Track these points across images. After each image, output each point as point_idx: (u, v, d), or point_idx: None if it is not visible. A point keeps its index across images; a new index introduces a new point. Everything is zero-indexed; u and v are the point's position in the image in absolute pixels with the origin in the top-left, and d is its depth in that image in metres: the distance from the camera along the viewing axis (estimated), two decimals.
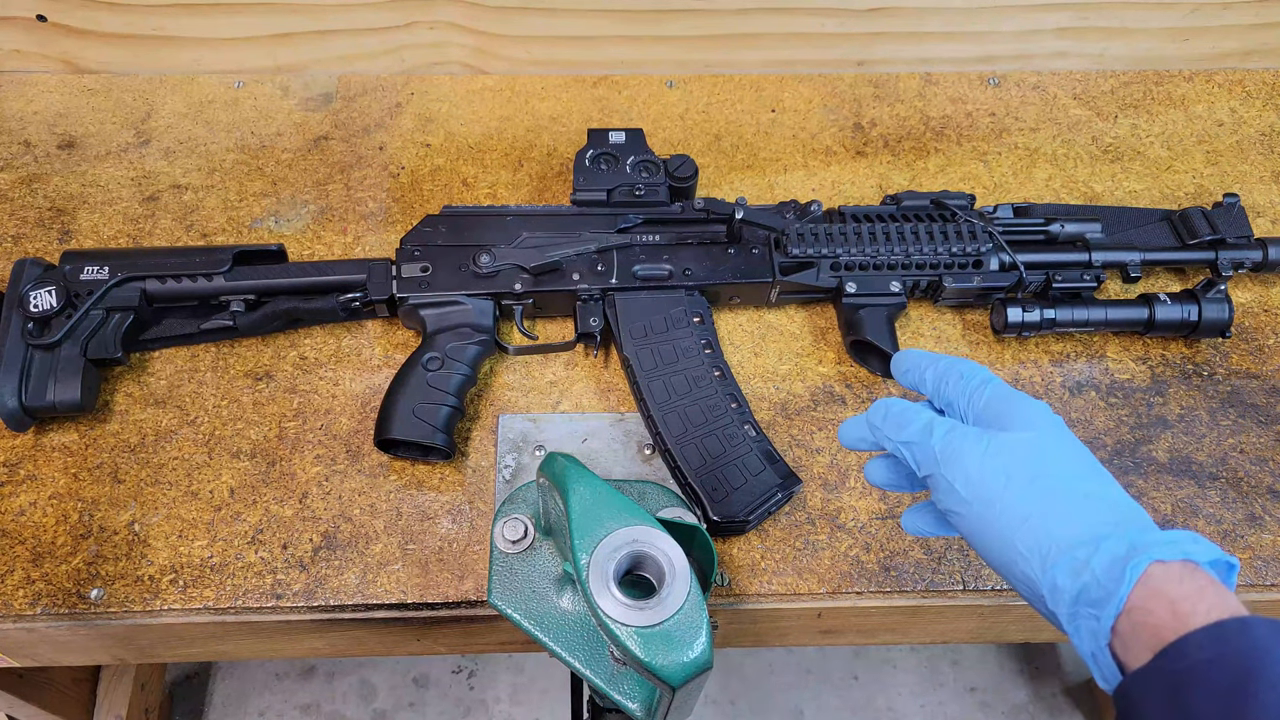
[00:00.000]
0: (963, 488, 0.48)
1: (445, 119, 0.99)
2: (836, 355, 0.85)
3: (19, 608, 0.71)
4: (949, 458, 0.49)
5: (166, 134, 0.97)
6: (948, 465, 0.49)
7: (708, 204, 0.84)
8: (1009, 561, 0.47)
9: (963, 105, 1.03)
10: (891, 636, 0.83)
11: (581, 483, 0.57)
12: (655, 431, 0.77)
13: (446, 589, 0.73)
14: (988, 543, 0.48)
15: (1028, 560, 0.45)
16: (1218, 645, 0.39)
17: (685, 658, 0.52)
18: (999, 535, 0.47)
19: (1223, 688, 0.38)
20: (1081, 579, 0.43)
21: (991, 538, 0.47)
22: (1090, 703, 1.47)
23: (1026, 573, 0.45)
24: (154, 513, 0.75)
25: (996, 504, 0.47)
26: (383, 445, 0.76)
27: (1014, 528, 0.46)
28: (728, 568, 0.74)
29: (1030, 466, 0.47)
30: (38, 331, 0.76)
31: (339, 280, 0.81)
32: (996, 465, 0.47)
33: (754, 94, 1.03)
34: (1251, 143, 1.01)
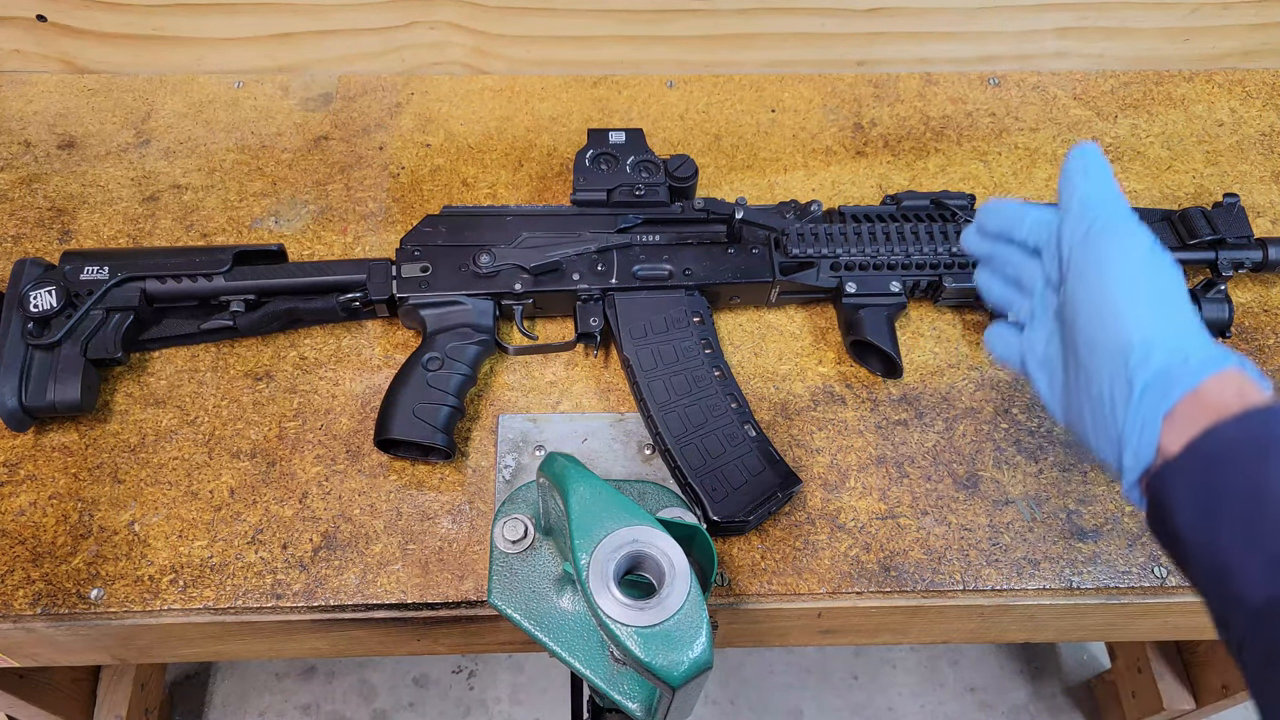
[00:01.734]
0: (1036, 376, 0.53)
1: (445, 119, 0.99)
2: (836, 355, 0.85)
3: (19, 608, 0.71)
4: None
5: (166, 134, 0.97)
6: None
7: (708, 204, 0.84)
8: (1111, 328, 0.48)
9: (963, 105, 1.03)
10: (891, 636, 0.83)
11: (581, 483, 0.57)
12: (655, 431, 0.77)
13: (446, 589, 0.73)
14: (1097, 315, 0.49)
15: (1137, 328, 0.47)
16: (1245, 427, 0.42)
17: (685, 658, 0.52)
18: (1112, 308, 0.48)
19: (1250, 458, 0.41)
20: (1176, 358, 0.45)
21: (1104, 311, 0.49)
22: (1090, 702, 1.47)
23: (1130, 337, 0.47)
24: (154, 513, 0.75)
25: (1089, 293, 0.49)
26: (383, 445, 0.76)
27: (1137, 306, 0.48)
28: (728, 568, 0.74)
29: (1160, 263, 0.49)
30: (38, 331, 0.76)
31: (339, 280, 0.81)
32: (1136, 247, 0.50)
33: (754, 94, 1.03)
34: (1251, 143, 1.01)
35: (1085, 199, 0.52)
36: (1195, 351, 0.46)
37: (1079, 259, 0.51)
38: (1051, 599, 0.75)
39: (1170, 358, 0.46)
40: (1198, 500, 0.43)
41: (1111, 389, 0.47)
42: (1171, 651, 1.32)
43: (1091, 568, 0.75)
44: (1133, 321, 0.47)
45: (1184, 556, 0.45)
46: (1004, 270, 0.60)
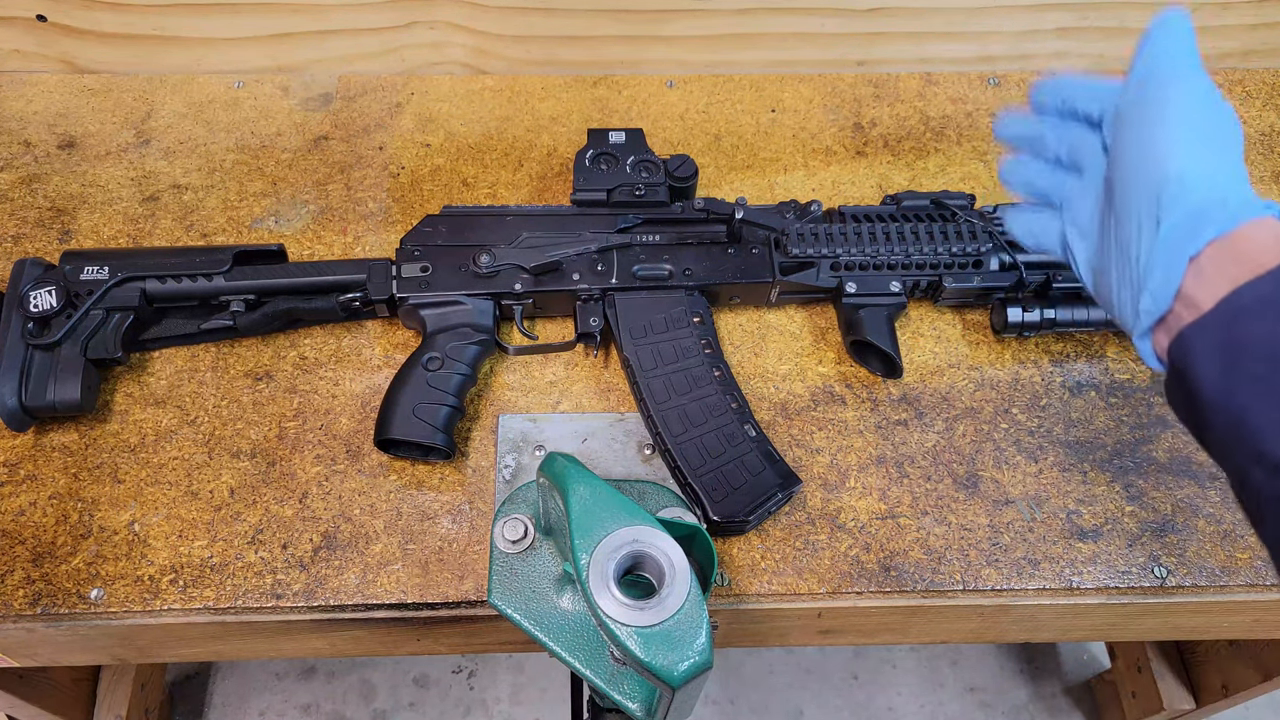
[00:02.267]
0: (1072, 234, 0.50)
1: (445, 119, 0.99)
2: (836, 355, 0.85)
3: (19, 608, 0.71)
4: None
5: (166, 134, 0.97)
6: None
7: (708, 204, 0.84)
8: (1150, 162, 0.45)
9: (963, 105, 1.03)
10: (891, 636, 0.83)
11: (581, 483, 0.57)
12: (655, 431, 0.77)
13: (446, 589, 0.73)
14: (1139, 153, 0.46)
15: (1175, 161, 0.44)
16: (1270, 284, 0.40)
17: (685, 658, 0.52)
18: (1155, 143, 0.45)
19: (1274, 315, 0.40)
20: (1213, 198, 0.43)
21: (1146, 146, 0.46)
22: (1090, 702, 1.47)
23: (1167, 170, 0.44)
24: (154, 513, 0.75)
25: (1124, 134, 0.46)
26: (383, 445, 0.76)
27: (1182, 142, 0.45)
28: (728, 568, 0.74)
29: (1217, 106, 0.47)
30: (38, 331, 0.76)
31: (339, 280, 0.81)
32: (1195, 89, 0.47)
33: (754, 94, 1.03)
34: (1251, 143, 1.01)
35: (1154, 52, 0.49)
36: (1235, 194, 0.43)
37: (1133, 100, 0.48)
38: (1051, 599, 0.75)
39: (1206, 196, 0.43)
40: (1222, 357, 0.41)
41: (1140, 226, 0.45)
42: (1171, 651, 1.32)
43: (1091, 568, 0.75)
44: (1173, 155, 0.44)
45: (1201, 415, 0.42)
46: (1057, 149, 0.55)
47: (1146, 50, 0.50)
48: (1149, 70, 0.48)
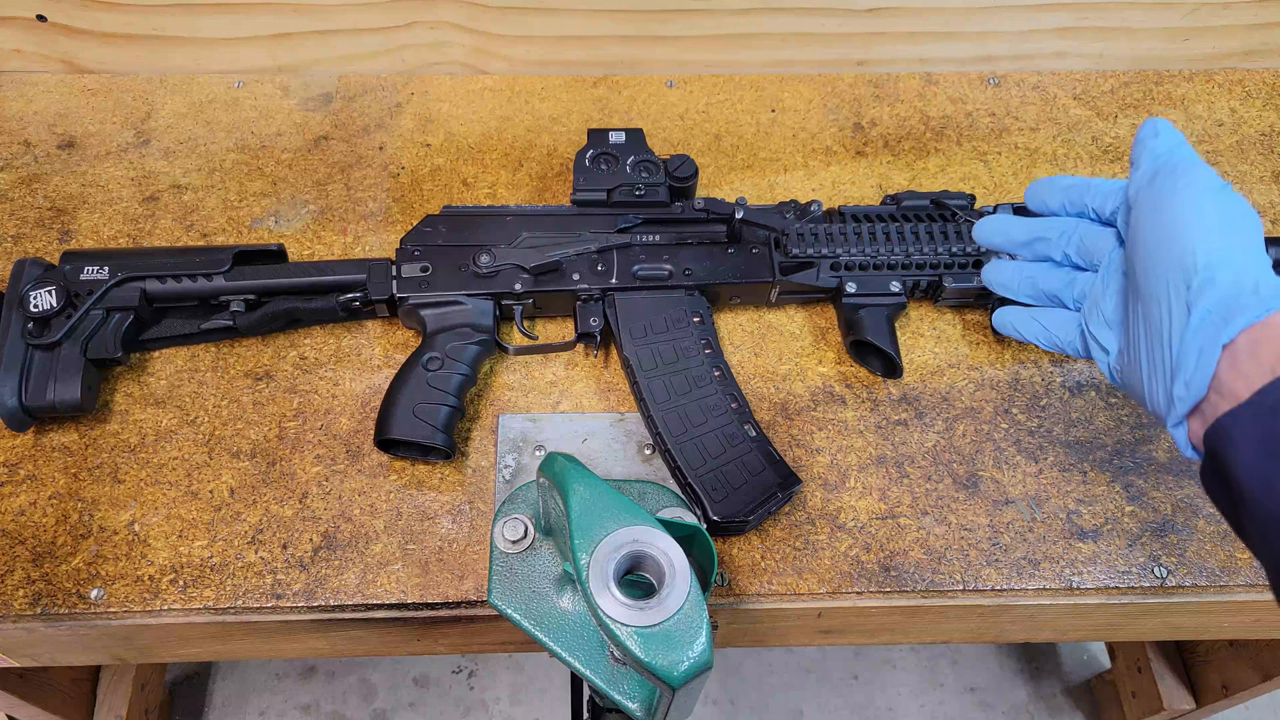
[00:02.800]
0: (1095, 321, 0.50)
1: (445, 119, 0.99)
2: (836, 355, 0.85)
3: (19, 608, 0.71)
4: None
5: (166, 134, 0.97)
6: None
7: (708, 204, 0.84)
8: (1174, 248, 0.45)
9: (963, 105, 1.03)
10: (891, 636, 0.83)
11: (581, 483, 0.57)
12: (655, 431, 0.77)
13: (446, 589, 0.73)
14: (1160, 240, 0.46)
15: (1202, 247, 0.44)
16: None
17: (685, 658, 0.52)
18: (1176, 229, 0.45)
19: None
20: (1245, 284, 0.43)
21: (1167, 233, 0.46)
22: (1090, 702, 1.47)
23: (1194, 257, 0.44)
24: (154, 513, 0.75)
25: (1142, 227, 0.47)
26: (383, 445, 0.76)
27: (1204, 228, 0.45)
28: (728, 568, 0.74)
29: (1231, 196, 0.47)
30: (38, 331, 0.76)
31: (339, 280, 0.81)
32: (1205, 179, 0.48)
33: (754, 94, 1.03)
34: (1251, 143, 1.01)
35: (1156, 151, 0.50)
36: (1266, 280, 0.43)
37: (1146, 194, 0.48)
38: (1051, 599, 0.75)
39: (1237, 282, 0.43)
40: (1263, 448, 0.39)
41: (1170, 313, 0.44)
42: (1171, 651, 1.32)
43: (1091, 568, 0.75)
44: (1200, 242, 0.44)
45: (1240, 509, 0.41)
46: (1065, 247, 0.55)
47: (1150, 146, 0.51)
48: (1158, 164, 0.49)
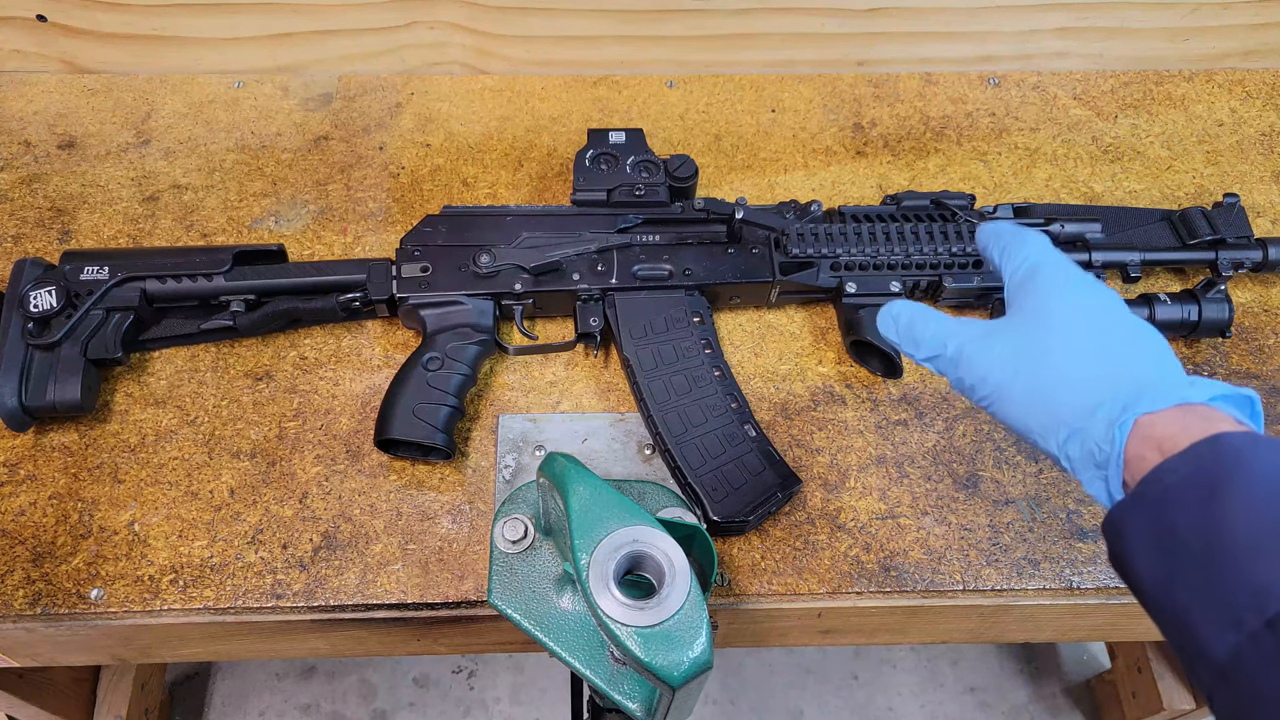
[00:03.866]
0: (980, 385, 0.52)
1: (445, 119, 0.99)
2: (836, 355, 0.85)
3: (19, 608, 0.71)
4: (963, 363, 0.53)
5: (166, 134, 0.97)
6: (964, 369, 0.53)
7: (708, 204, 0.84)
8: (1030, 438, 0.50)
9: (963, 105, 1.03)
10: (891, 636, 0.83)
11: (581, 483, 0.57)
12: (655, 431, 0.77)
13: (446, 589, 0.73)
14: (1011, 424, 0.51)
15: (1044, 438, 0.48)
16: (1191, 463, 0.40)
17: (685, 658, 0.52)
18: (1018, 419, 0.50)
19: (1197, 500, 0.39)
20: (1087, 447, 0.45)
21: (1012, 420, 0.50)
22: (1090, 702, 1.47)
23: (1045, 448, 0.48)
24: (154, 513, 0.75)
25: (1009, 393, 0.50)
26: (383, 445, 0.76)
27: (1027, 412, 0.49)
28: (728, 568, 0.74)
29: (1035, 354, 0.49)
30: (38, 331, 0.76)
31: (339, 280, 0.81)
32: (1005, 360, 0.50)
33: (754, 94, 1.03)
34: (1251, 143, 1.01)
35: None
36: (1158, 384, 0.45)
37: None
38: (1051, 599, 0.75)
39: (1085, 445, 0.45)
40: (1153, 544, 0.40)
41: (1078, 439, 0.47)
42: (1172, 651, 1.32)
43: (1091, 568, 0.75)
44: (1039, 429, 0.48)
45: (1146, 602, 0.42)
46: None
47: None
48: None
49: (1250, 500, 0.37)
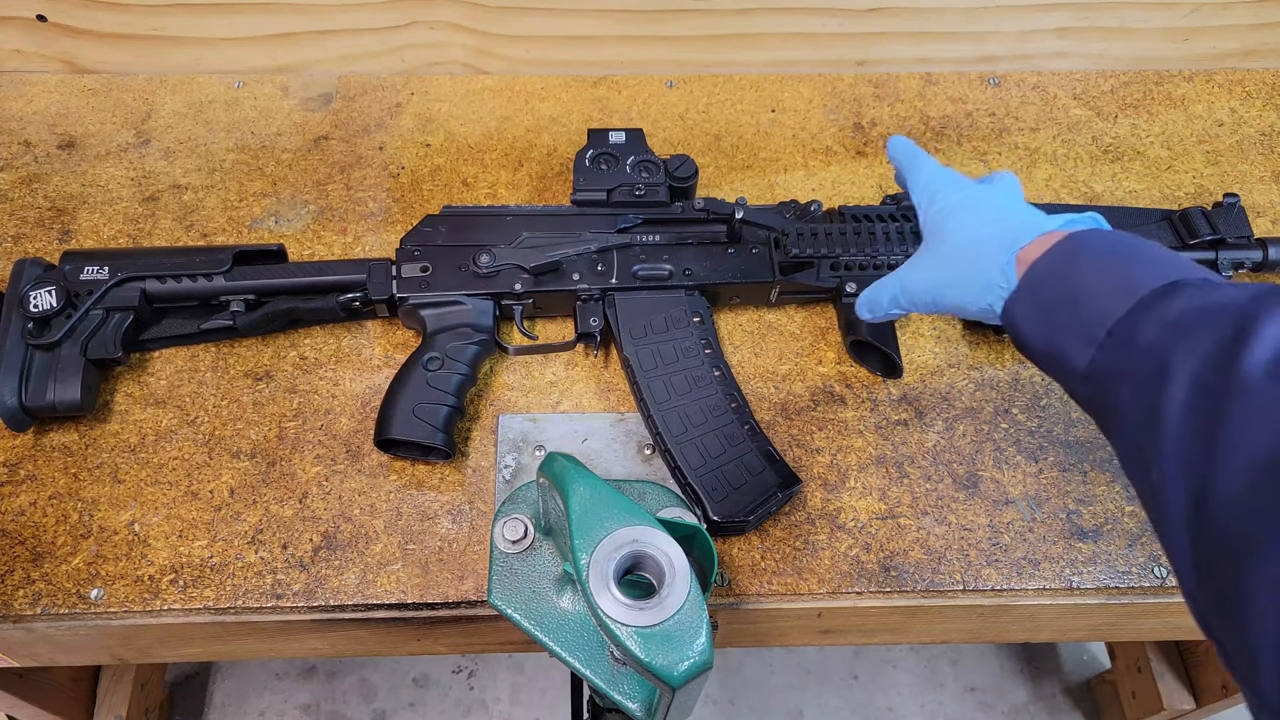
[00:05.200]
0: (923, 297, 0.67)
1: (445, 119, 0.99)
2: (836, 355, 0.85)
3: (19, 608, 0.71)
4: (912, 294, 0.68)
5: (166, 134, 0.97)
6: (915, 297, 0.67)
7: (708, 204, 0.84)
8: (964, 310, 0.64)
9: (963, 105, 1.03)
10: (891, 636, 0.83)
11: (581, 483, 0.57)
12: (655, 431, 0.77)
13: (446, 589, 0.73)
14: (952, 310, 0.65)
15: (974, 302, 0.62)
16: (1050, 256, 0.56)
17: (685, 658, 0.52)
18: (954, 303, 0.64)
19: (1056, 275, 0.55)
20: (997, 291, 0.60)
21: (952, 307, 0.65)
22: (1090, 702, 1.47)
23: (978, 307, 0.62)
24: (154, 513, 0.75)
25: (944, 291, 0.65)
26: (383, 445, 0.76)
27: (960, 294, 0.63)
28: (728, 568, 0.74)
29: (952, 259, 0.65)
30: (38, 331, 0.76)
31: (339, 280, 0.81)
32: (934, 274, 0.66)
33: (754, 94, 1.03)
34: (1251, 143, 1.01)
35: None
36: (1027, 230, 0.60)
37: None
38: (1051, 599, 0.75)
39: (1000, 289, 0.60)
40: (1034, 314, 0.56)
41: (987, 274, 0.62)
42: (1171, 651, 1.32)
43: (1091, 568, 0.75)
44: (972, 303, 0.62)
45: (1036, 357, 0.57)
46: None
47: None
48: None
49: (1089, 263, 0.54)
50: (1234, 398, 0.42)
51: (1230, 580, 0.40)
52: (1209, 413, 0.43)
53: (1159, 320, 0.48)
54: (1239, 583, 0.39)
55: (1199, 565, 0.42)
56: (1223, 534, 0.41)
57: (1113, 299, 0.51)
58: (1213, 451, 0.42)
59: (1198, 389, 0.44)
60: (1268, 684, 0.37)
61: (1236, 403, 0.42)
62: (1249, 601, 0.38)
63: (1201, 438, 0.43)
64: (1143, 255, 0.53)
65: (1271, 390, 0.41)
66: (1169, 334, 0.47)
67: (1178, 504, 0.43)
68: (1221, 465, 0.41)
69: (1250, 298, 0.46)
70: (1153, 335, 0.48)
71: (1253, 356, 0.42)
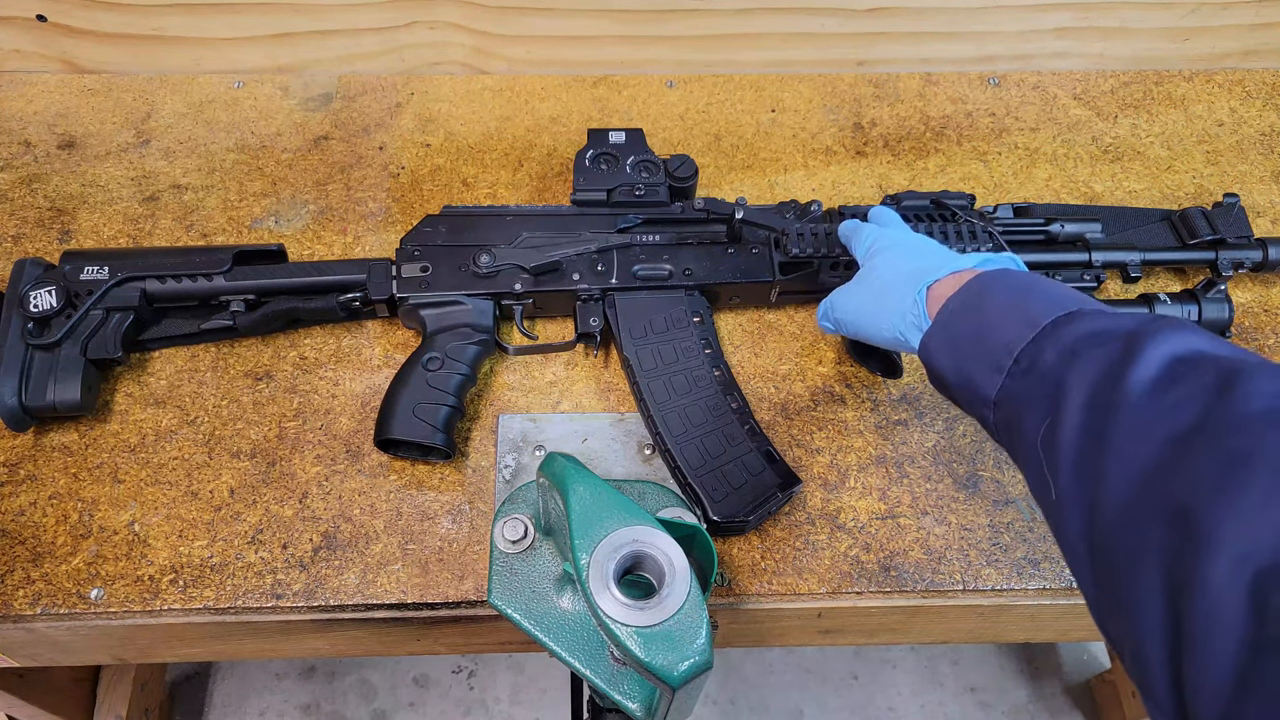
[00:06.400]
0: (845, 319, 0.72)
1: (445, 119, 0.99)
2: (836, 355, 0.85)
3: (19, 608, 0.71)
4: (837, 311, 0.73)
5: (166, 134, 0.97)
6: (839, 314, 0.73)
7: (708, 204, 0.84)
8: (880, 337, 0.68)
9: (963, 105, 1.03)
10: (891, 636, 0.83)
11: (581, 483, 0.57)
12: (655, 431, 0.77)
13: (446, 589, 0.73)
14: (869, 337, 0.70)
15: (888, 331, 0.66)
16: (961, 294, 0.60)
17: (685, 658, 0.52)
18: (872, 331, 0.69)
19: (967, 311, 0.59)
20: (906, 320, 0.64)
21: (869, 333, 0.69)
22: (1090, 702, 1.47)
23: (891, 337, 0.66)
24: (154, 513, 0.75)
25: (861, 317, 0.70)
26: (383, 445, 0.76)
27: (875, 322, 0.68)
28: (728, 568, 0.74)
29: (872, 289, 0.69)
30: (38, 331, 0.76)
31: (339, 280, 0.81)
32: (857, 300, 0.71)
33: (754, 94, 1.03)
34: (1251, 143, 1.01)
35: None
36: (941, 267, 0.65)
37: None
38: (1051, 599, 0.75)
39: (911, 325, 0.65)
40: (946, 347, 0.59)
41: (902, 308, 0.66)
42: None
43: None
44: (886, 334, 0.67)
45: (950, 388, 0.60)
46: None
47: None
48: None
49: (996, 300, 0.57)
50: (1118, 412, 0.44)
51: (1122, 590, 0.41)
52: (1098, 429, 0.45)
53: (1056, 346, 0.51)
54: (1129, 593, 0.40)
55: (1097, 577, 0.44)
56: (1114, 545, 0.42)
57: (1017, 329, 0.54)
58: (1100, 465, 0.44)
59: (1089, 408, 0.46)
60: (1161, 691, 0.38)
61: (1120, 417, 0.44)
62: (1139, 610, 0.39)
63: (1092, 453, 0.45)
64: (1045, 290, 0.56)
65: (1152, 405, 0.43)
66: (1065, 358, 0.50)
67: (1074, 519, 0.45)
68: (1108, 478, 0.43)
69: (1139, 322, 0.48)
70: (1051, 360, 0.51)
71: (1137, 374, 0.44)
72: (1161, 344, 0.45)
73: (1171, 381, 0.43)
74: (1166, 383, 0.44)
